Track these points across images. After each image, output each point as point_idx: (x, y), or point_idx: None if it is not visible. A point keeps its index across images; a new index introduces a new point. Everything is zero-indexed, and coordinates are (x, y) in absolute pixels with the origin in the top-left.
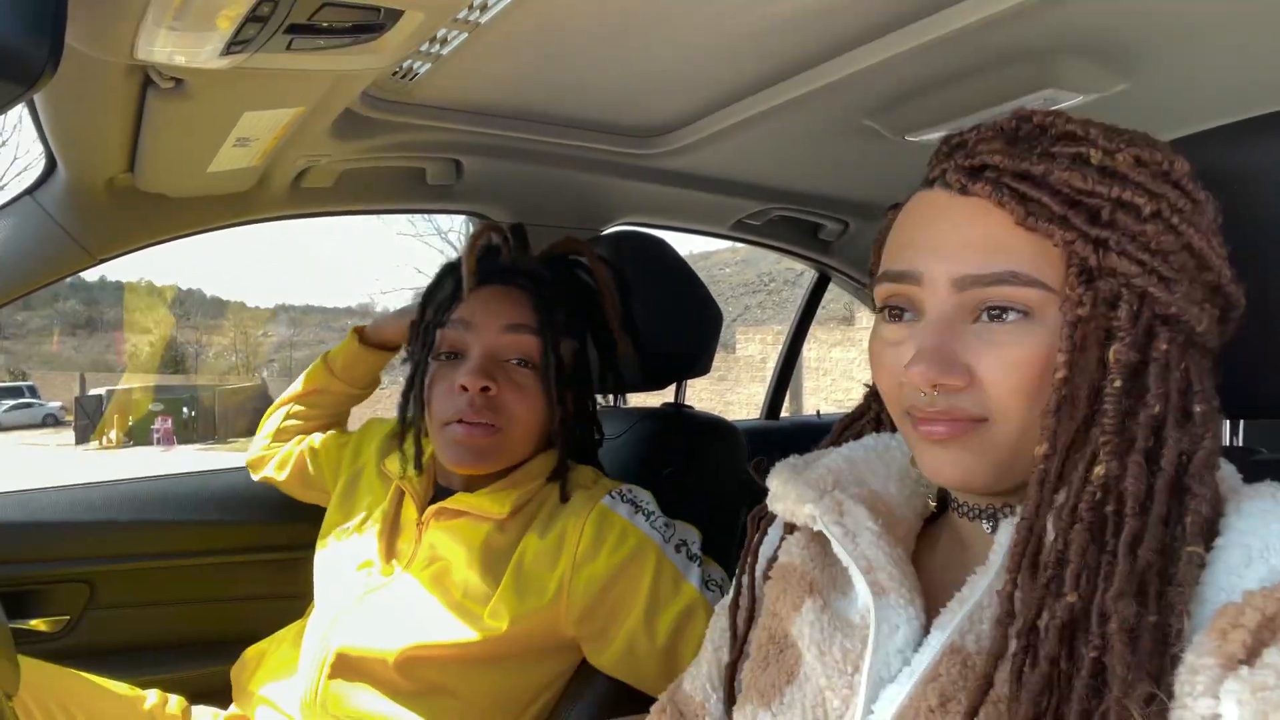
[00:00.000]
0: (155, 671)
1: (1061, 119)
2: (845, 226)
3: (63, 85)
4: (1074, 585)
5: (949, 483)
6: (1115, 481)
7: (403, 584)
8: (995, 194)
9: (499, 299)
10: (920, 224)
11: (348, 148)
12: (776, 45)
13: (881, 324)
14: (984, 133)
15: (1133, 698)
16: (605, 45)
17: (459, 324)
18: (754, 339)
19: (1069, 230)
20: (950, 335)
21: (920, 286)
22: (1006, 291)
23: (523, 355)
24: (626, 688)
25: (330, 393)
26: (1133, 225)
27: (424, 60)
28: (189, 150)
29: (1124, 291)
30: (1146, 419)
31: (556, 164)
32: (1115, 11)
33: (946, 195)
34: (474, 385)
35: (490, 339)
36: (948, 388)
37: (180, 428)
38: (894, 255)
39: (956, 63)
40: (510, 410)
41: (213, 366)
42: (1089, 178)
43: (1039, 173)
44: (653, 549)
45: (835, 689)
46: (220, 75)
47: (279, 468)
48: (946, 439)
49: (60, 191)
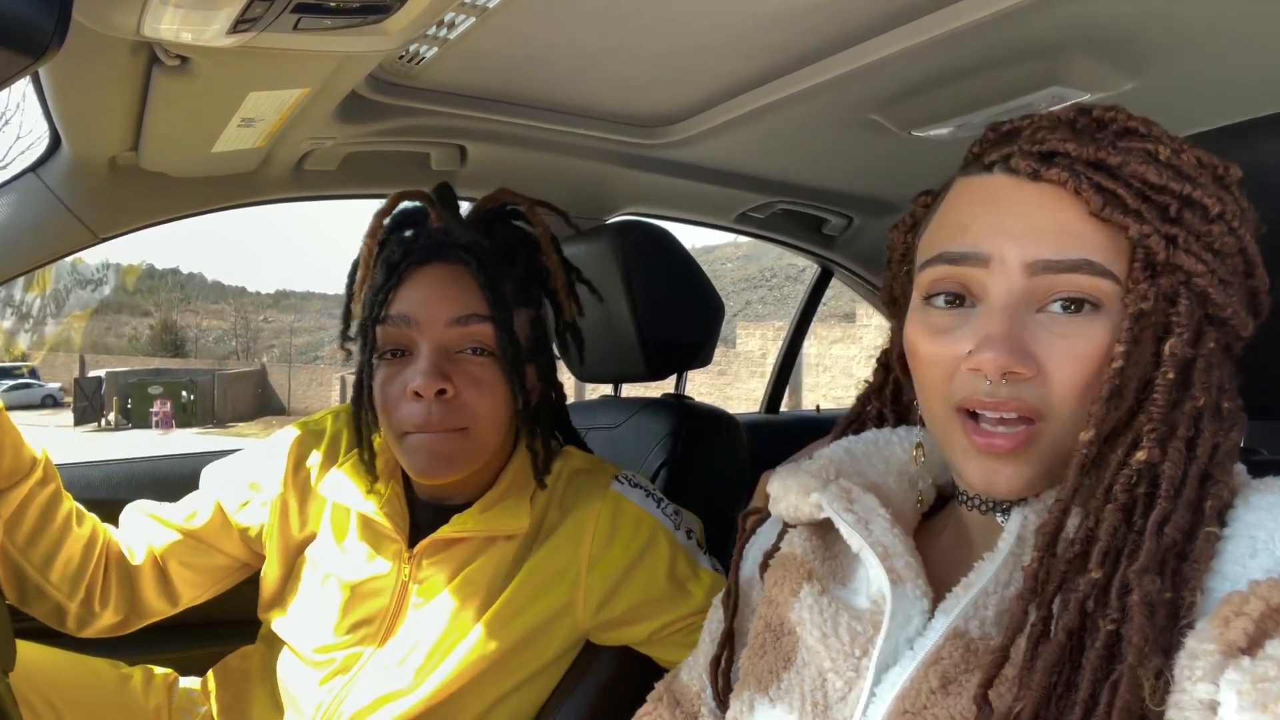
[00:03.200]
0: (144, 650)
1: (1122, 114)
2: (849, 221)
3: (68, 61)
4: (1100, 563)
5: (1003, 494)
6: (1153, 467)
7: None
8: (1072, 181)
9: (439, 283)
10: (984, 207)
11: (352, 131)
12: (784, 38)
13: (928, 310)
14: (1043, 121)
15: (1146, 667)
16: (613, 34)
17: (399, 320)
18: (754, 334)
19: (1143, 224)
20: (1019, 322)
21: (987, 269)
22: (1080, 280)
23: (477, 344)
24: (620, 679)
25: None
26: (1199, 225)
27: (431, 44)
28: (193, 130)
29: (1183, 289)
30: (1191, 410)
31: (561, 152)
32: (1125, 10)
33: (1012, 180)
34: (428, 391)
35: (438, 334)
36: (1017, 376)
37: (179, 411)
38: (951, 237)
39: (964, 58)
40: (473, 408)
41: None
42: (1162, 173)
43: (1114, 164)
44: (666, 535)
45: (840, 671)
46: (226, 54)
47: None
48: (1006, 451)
49: (64, 169)
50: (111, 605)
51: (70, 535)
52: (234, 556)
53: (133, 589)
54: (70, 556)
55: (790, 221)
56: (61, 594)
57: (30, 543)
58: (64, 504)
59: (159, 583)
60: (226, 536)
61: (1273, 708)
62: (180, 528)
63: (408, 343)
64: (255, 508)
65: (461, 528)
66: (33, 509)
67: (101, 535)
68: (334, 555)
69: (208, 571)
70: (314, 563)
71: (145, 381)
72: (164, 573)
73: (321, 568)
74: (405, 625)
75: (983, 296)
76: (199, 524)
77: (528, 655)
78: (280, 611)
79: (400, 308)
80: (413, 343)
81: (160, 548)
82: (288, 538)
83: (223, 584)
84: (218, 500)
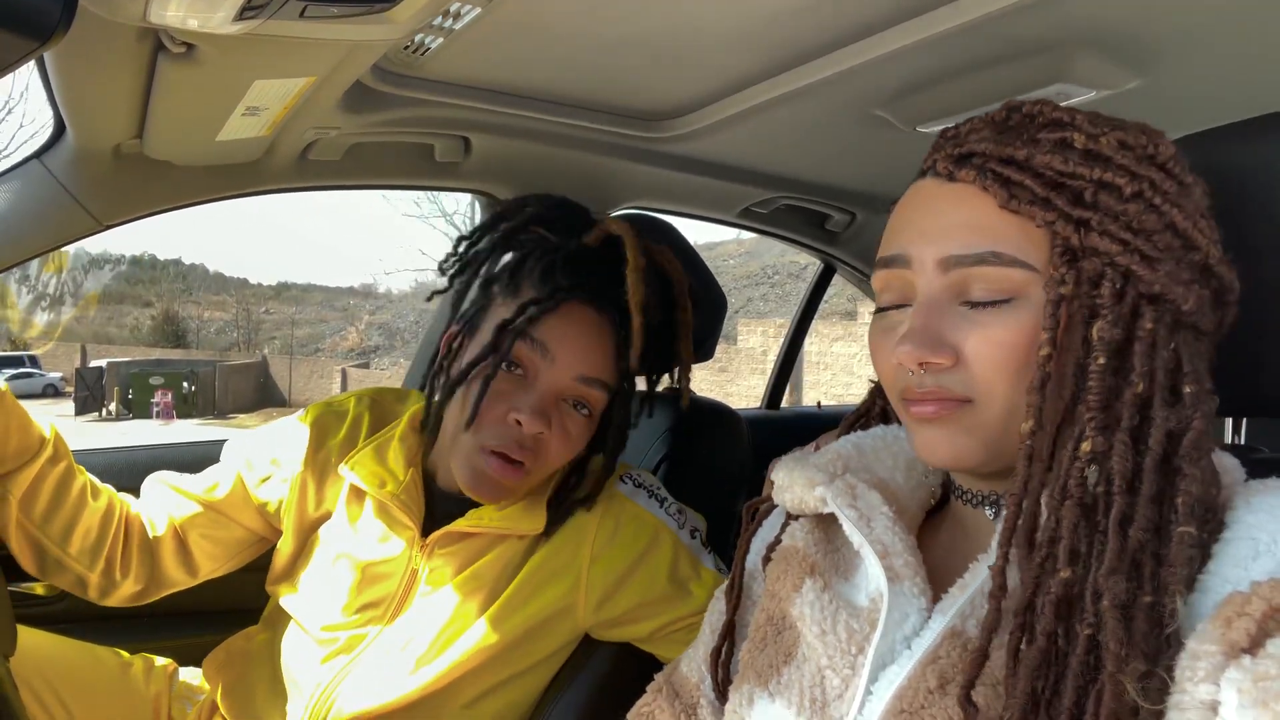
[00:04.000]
0: (146, 638)
1: (1049, 107)
2: (852, 218)
3: (74, 47)
4: (1068, 561)
5: (941, 461)
6: (1103, 458)
7: (409, 628)
8: (980, 178)
9: (586, 332)
10: (911, 211)
11: (357, 121)
12: (789, 32)
13: (878, 315)
14: (975, 123)
15: (1126, 673)
16: (618, 27)
17: (538, 346)
18: (756, 331)
19: (1050, 211)
20: (937, 316)
21: (910, 270)
22: (989, 272)
23: (586, 404)
24: (620, 671)
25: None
26: (1114, 205)
27: (436, 35)
28: (198, 118)
29: (1107, 270)
30: (1131, 397)
31: (565, 145)
32: (1130, 7)
33: (936, 183)
34: (531, 428)
35: (562, 380)
36: (934, 366)
37: (180, 402)
38: (888, 242)
39: (969, 54)
40: (549, 454)
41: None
42: (1070, 160)
43: (1022, 157)
44: (669, 535)
45: (836, 669)
46: (232, 42)
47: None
48: (934, 418)
49: (68, 156)
50: (132, 575)
51: (86, 508)
52: (252, 530)
53: (153, 559)
54: (88, 529)
55: (793, 217)
56: (82, 565)
57: (47, 518)
58: (78, 479)
59: (179, 553)
60: (246, 510)
61: (1273, 705)
62: (201, 499)
63: (531, 370)
64: (275, 483)
65: (477, 523)
66: (46, 486)
67: (119, 507)
68: (348, 536)
69: (226, 544)
70: (327, 542)
71: (146, 372)
72: (184, 543)
73: (334, 547)
74: (411, 611)
75: (912, 296)
76: (219, 496)
77: (527, 649)
78: (290, 587)
79: (544, 334)
80: (536, 373)
81: (180, 519)
82: (304, 515)
83: (240, 557)
84: (239, 474)
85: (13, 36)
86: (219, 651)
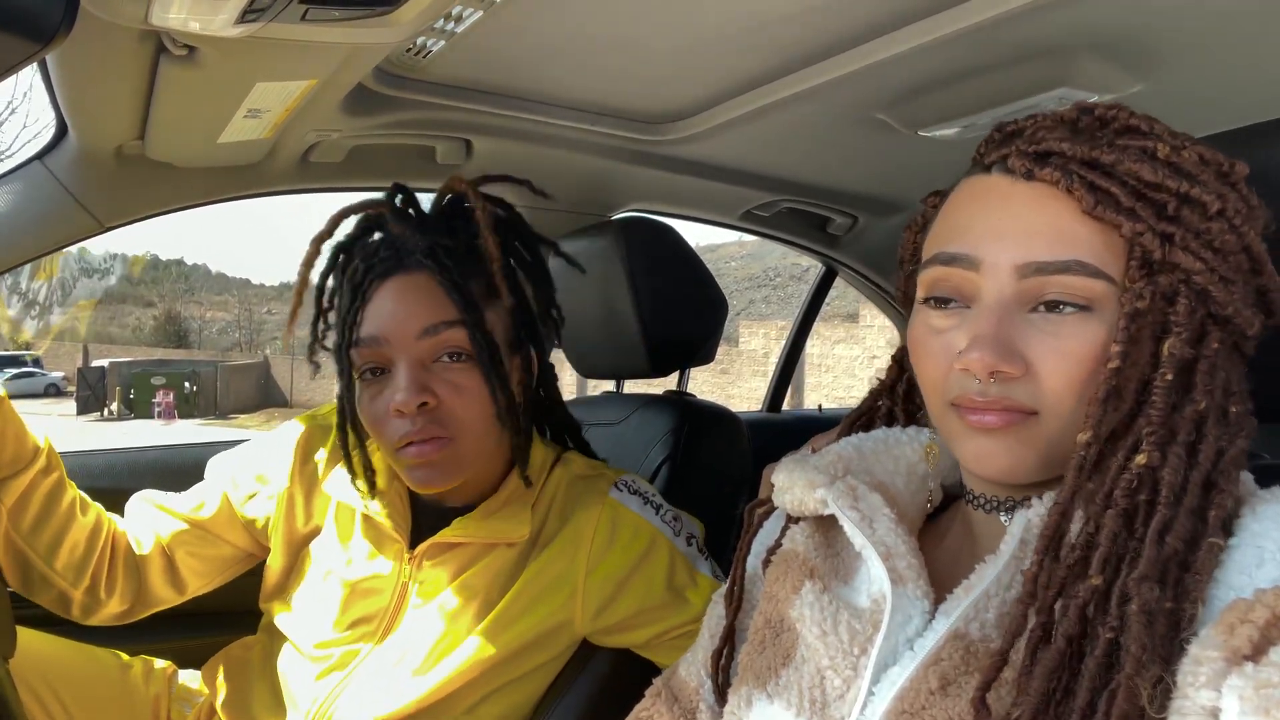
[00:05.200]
0: (144, 640)
1: (1124, 113)
2: (854, 221)
3: (76, 49)
4: (1100, 569)
5: (995, 474)
6: (1153, 471)
7: (403, 642)
8: (1065, 180)
9: (404, 296)
10: (979, 208)
11: (359, 123)
12: (791, 35)
13: (927, 311)
14: (1044, 121)
15: (1144, 677)
16: (620, 29)
17: (370, 341)
18: (757, 333)
19: (1137, 222)
20: (1009, 323)
21: (978, 272)
22: (1070, 281)
23: (452, 351)
24: (619, 675)
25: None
26: (1198, 222)
27: (438, 37)
28: (200, 120)
29: (1183, 288)
30: (1192, 414)
31: (567, 148)
32: (1133, 12)
33: (1008, 180)
34: (409, 407)
35: (410, 348)
36: (1005, 375)
37: (182, 402)
38: (948, 238)
39: (972, 58)
40: (456, 417)
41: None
42: (1158, 171)
43: (1109, 162)
44: (665, 543)
45: (838, 669)
46: (233, 44)
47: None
48: (997, 429)
49: (70, 157)
50: (117, 594)
51: (75, 523)
52: (240, 547)
53: (139, 578)
54: (75, 544)
55: (795, 220)
56: (66, 582)
57: (35, 530)
58: (68, 492)
59: (166, 572)
60: (232, 527)
61: (1275, 713)
62: (187, 518)
63: (384, 361)
64: (262, 500)
65: (463, 532)
66: (36, 497)
67: (107, 524)
68: (336, 552)
69: (214, 561)
70: (317, 558)
71: (148, 372)
72: (171, 562)
73: (324, 563)
74: (403, 625)
75: (976, 297)
76: (205, 515)
77: (525, 659)
78: (282, 605)
79: (369, 328)
80: (388, 360)
81: (167, 537)
82: (293, 531)
83: (229, 574)
84: (224, 492)
85: (15, 39)
86: (218, 659)
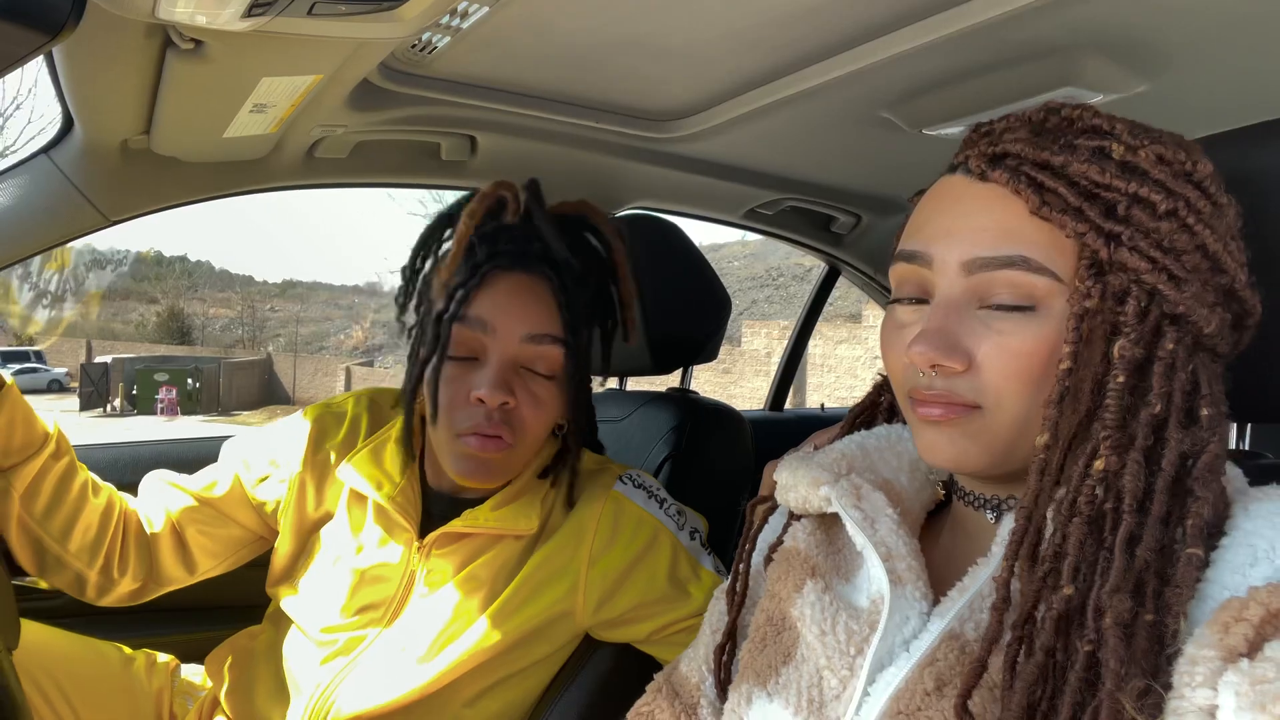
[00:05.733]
0: (147, 634)
1: (1089, 112)
2: (858, 220)
3: (83, 42)
4: (1071, 578)
5: (943, 463)
6: (1114, 477)
7: (408, 630)
8: (1012, 181)
9: (520, 295)
10: (937, 208)
11: (364, 119)
12: (796, 33)
13: (894, 307)
14: (1011, 122)
15: (1125, 691)
16: (625, 26)
17: (476, 324)
18: (760, 333)
19: (1082, 222)
20: (955, 319)
21: (930, 269)
22: (1015, 276)
23: (546, 367)
24: (620, 670)
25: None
26: (1147, 222)
27: (443, 33)
28: (206, 114)
29: (1133, 287)
30: (1147, 417)
31: (571, 144)
32: (1138, 12)
33: (965, 180)
34: (493, 400)
35: (511, 347)
36: (946, 370)
37: (184, 399)
38: (909, 236)
39: (976, 57)
40: (526, 425)
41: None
42: (1108, 171)
43: (1058, 163)
44: (668, 536)
45: (835, 669)
46: (240, 38)
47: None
48: (940, 420)
49: (76, 151)
50: (130, 572)
51: (87, 505)
52: (249, 528)
53: (151, 557)
54: (88, 526)
55: (798, 219)
56: (81, 563)
57: (48, 514)
58: (79, 475)
59: (177, 551)
60: (243, 509)
61: (1271, 708)
62: (199, 496)
63: (479, 349)
64: (274, 484)
65: (473, 523)
66: (48, 481)
67: (119, 504)
68: (347, 539)
69: (224, 541)
70: (327, 544)
71: (151, 368)
72: (182, 541)
73: (333, 550)
74: (409, 613)
75: (930, 293)
76: (217, 495)
77: (526, 650)
78: (290, 589)
79: (479, 311)
80: (484, 349)
81: (178, 516)
82: (303, 516)
83: (239, 555)
84: (236, 473)
85: (23, 30)
86: (222, 649)
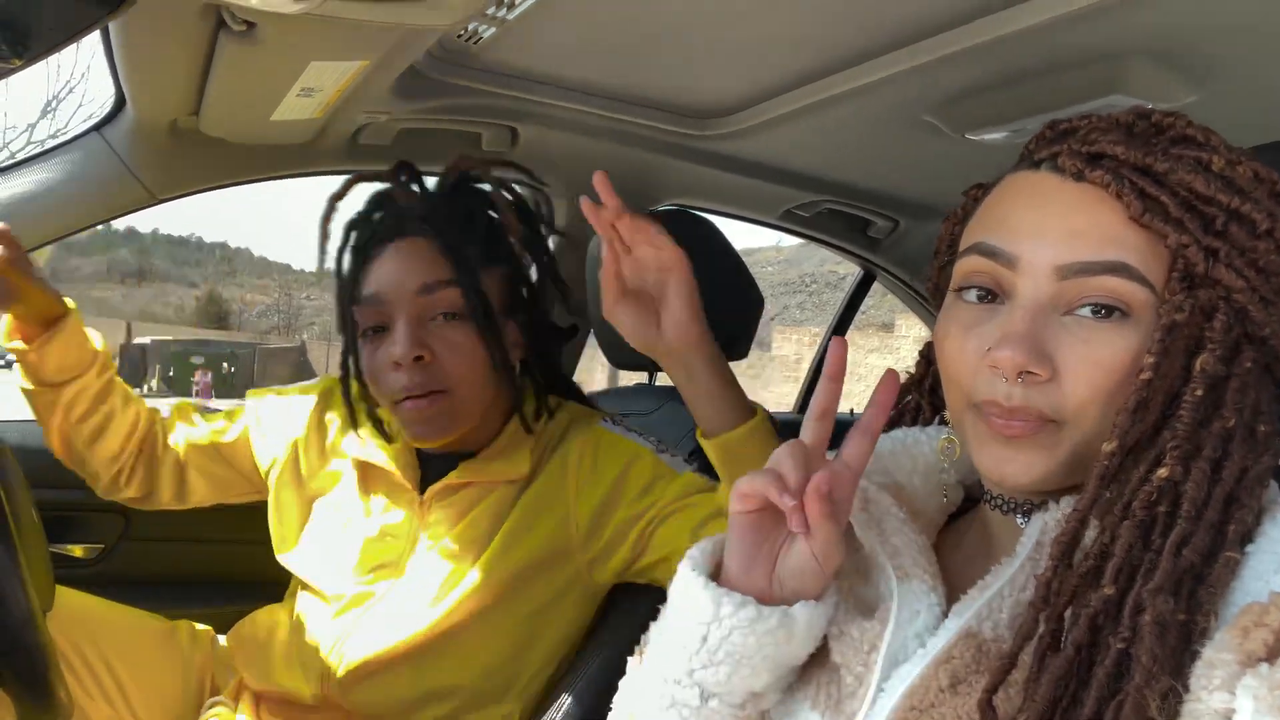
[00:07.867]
0: (182, 605)
1: (1181, 121)
2: (895, 225)
3: (139, 20)
4: (1113, 579)
5: (1014, 483)
6: (1175, 485)
7: (415, 579)
8: (1115, 184)
9: (404, 258)
10: (1023, 204)
11: (408, 106)
12: (842, 34)
13: (958, 304)
14: (1099, 122)
15: (1153, 688)
16: (670, 22)
17: (371, 299)
18: (790, 338)
19: (1184, 234)
20: (1041, 323)
21: (1015, 269)
22: (1112, 283)
23: (448, 309)
24: None
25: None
26: (1245, 240)
27: (490, 24)
28: (254, 96)
29: (1222, 304)
30: (1219, 430)
31: (612, 139)
32: (1190, 20)
33: (1056, 179)
34: (406, 358)
35: (408, 306)
36: (1032, 377)
37: (219, 382)
38: (989, 229)
39: (1023, 62)
40: (451, 371)
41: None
42: (1211, 184)
43: (1161, 170)
44: (648, 454)
45: (850, 666)
46: (291, 21)
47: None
48: (1020, 436)
49: (126, 129)
50: (134, 485)
51: (115, 419)
52: (243, 475)
53: (152, 478)
54: (114, 436)
55: (835, 221)
56: (99, 465)
57: (82, 421)
58: (116, 389)
59: (175, 479)
60: (244, 457)
61: None
62: (210, 433)
63: (384, 319)
64: (276, 440)
65: (467, 474)
66: (89, 394)
67: (143, 421)
68: (355, 503)
69: (218, 481)
70: (334, 509)
71: (188, 350)
72: (183, 472)
73: (342, 514)
74: (414, 565)
75: (1011, 294)
76: (226, 439)
77: (528, 589)
78: (299, 555)
79: (370, 287)
80: (388, 318)
81: (185, 450)
82: (302, 480)
83: (228, 497)
84: (247, 426)
85: (84, 3)
86: (244, 624)
